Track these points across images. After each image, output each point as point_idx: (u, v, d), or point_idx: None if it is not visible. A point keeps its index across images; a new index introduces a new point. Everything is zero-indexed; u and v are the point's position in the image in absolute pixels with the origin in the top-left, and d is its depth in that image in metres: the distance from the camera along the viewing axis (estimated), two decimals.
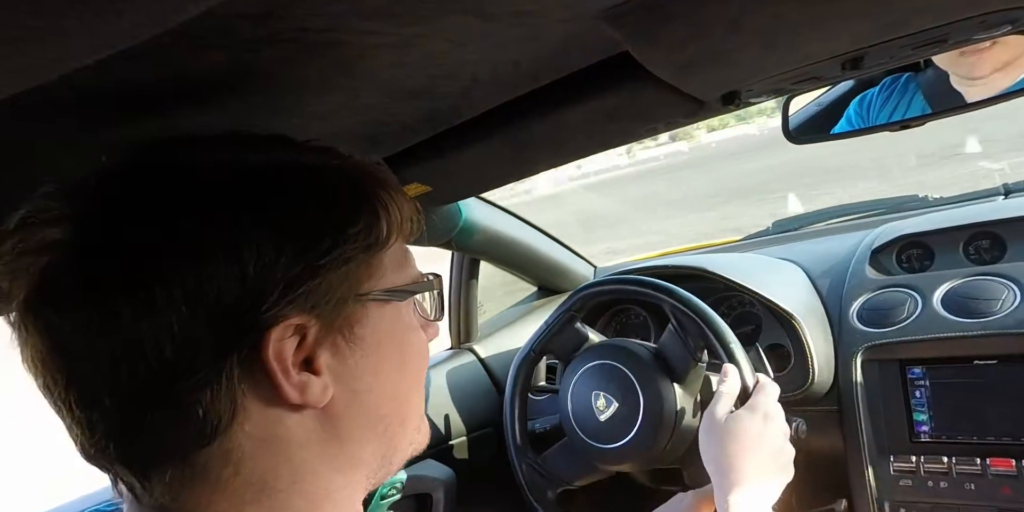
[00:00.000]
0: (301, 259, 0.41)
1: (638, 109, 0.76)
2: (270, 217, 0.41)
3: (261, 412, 0.41)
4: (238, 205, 0.41)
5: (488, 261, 1.52)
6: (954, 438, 1.04)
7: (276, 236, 0.40)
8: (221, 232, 0.40)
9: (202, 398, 0.39)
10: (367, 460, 0.47)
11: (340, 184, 0.45)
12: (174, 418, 0.39)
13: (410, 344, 0.49)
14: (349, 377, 0.44)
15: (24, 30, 0.28)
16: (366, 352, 0.45)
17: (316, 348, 0.42)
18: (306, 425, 0.43)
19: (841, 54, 0.62)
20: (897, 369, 1.09)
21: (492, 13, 0.48)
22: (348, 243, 0.43)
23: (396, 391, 0.47)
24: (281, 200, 0.42)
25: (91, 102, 0.46)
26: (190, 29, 0.39)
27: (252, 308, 0.39)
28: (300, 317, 0.41)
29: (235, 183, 0.42)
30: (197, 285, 0.38)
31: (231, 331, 0.39)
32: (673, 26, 0.55)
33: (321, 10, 0.42)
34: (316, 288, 0.41)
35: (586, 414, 1.09)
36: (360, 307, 0.45)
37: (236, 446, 0.41)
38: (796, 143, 1.02)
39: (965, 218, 1.18)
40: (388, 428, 0.47)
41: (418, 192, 0.96)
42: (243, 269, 0.39)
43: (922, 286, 1.12)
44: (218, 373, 0.39)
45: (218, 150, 0.45)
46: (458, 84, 0.64)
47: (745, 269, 1.26)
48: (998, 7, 0.55)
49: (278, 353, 0.40)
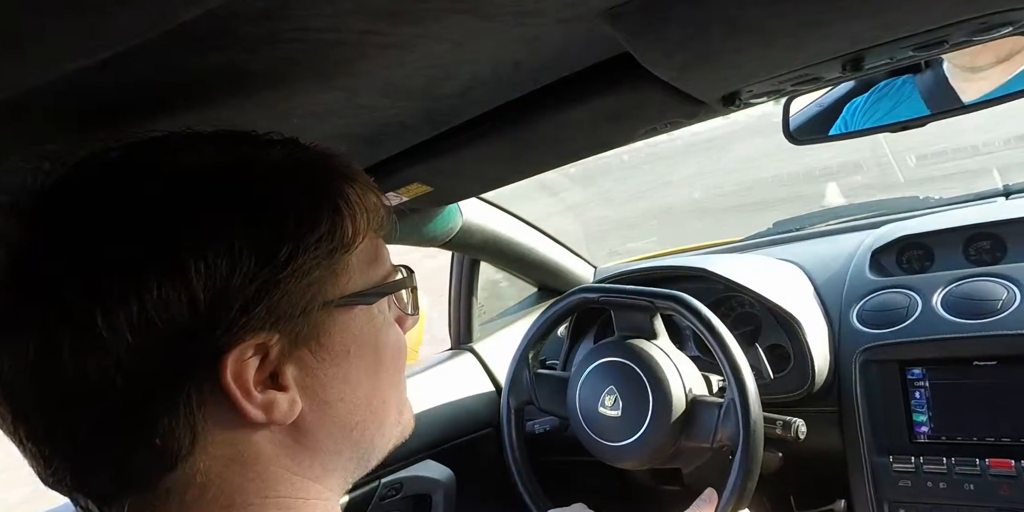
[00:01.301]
0: (258, 274, 0.37)
1: (638, 109, 0.76)
2: (218, 229, 0.37)
3: (225, 434, 0.39)
4: (178, 217, 0.37)
5: (488, 261, 1.52)
6: (953, 439, 1.04)
7: (227, 250, 0.36)
8: (162, 250, 0.36)
9: (160, 427, 0.37)
10: (343, 465, 0.45)
11: (297, 183, 0.41)
12: (131, 449, 0.37)
13: (385, 344, 0.46)
14: (319, 388, 0.41)
15: (24, 30, 0.28)
16: (335, 361, 0.42)
17: (281, 363, 0.39)
18: (275, 440, 0.41)
19: (841, 55, 0.62)
20: (897, 370, 1.09)
21: (492, 13, 0.48)
22: (310, 250, 0.39)
23: (371, 396, 0.45)
24: (230, 208, 0.38)
25: (91, 102, 0.46)
26: (190, 29, 0.39)
27: (205, 332, 0.36)
28: (260, 336, 0.38)
29: (173, 191, 0.38)
30: (141, 311, 0.35)
31: (184, 358, 0.36)
32: (673, 26, 0.55)
33: (321, 10, 0.42)
34: (276, 303, 0.38)
35: (592, 407, 1.09)
36: (326, 315, 0.41)
37: (200, 469, 0.38)
38: (796, 144, 1.02)
39: (965, 219, 1.18)
40: (364, 433, 0.45)
41: (418, 192, 0.96)
42: (191, 291, 0.35)
43: (922, 287, 1.12)
44: (174, 401, 0.37)
45: (155, 152, 0.40)
46: (458, 84, 0.64)
47: (745, 270, 1.26)
48: (998, 8, 0.55)
49: (237, 375, 0.37)
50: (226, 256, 0.36)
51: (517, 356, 1.21)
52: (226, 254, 0.36)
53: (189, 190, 0.38)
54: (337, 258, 0.41)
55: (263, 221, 0.38)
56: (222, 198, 0.38)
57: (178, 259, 0.36)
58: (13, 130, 0.47)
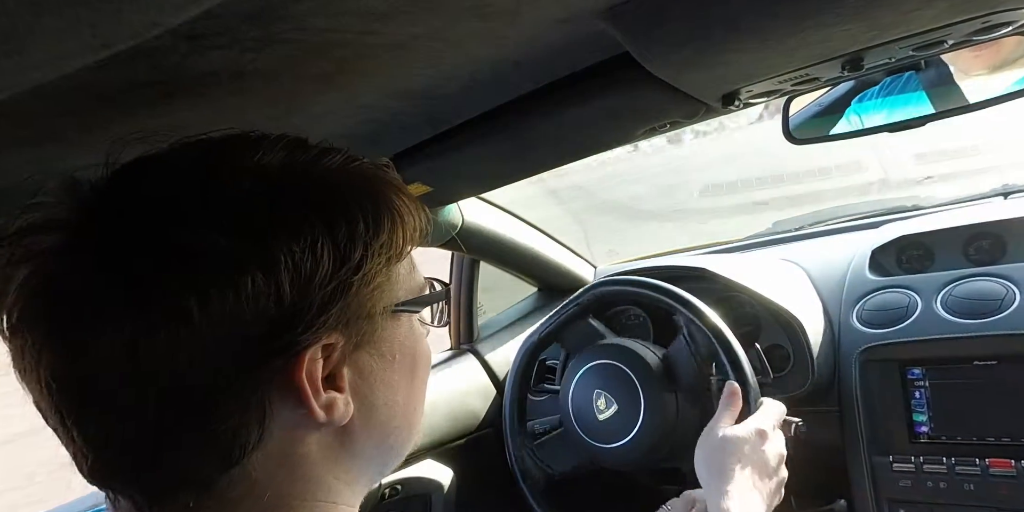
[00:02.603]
0: (335, 275, 0.38)
1: (638, 109, 0.76)
2: (303, 227, 0.38)
3: (285, 432, 0.40)
4: (268, 213, 0.38)
5: (488, 261, 1.52)
6: (953, 439, 1.04)
7: (311, 248, 0.38)
8: (256, 246, 0.37)
9: (232, 422, 0.37)
10: (371, 470, 0.46)
11: (361, 191, 0.42)
12: (201, 443, 0.37)
13: (421, 354, 0.48)
14: (368, 391, 0.43)
15: (24, 30, 0.28)
16: (384, 365, 0.44)
17: (340, 365, 0.41)
18: (323, 442, 0.42)
19: (841, 55, 0.62)
20: (897, 370, 1.09)
21: (491, 13, 0.48)
22: (376, 256, 0.41)
23: (407, 402, 0.46)
24: (311, 210, 0.39)
25: (91, 102, 0.46)
26: (190, 29, 0.40)
27: (287, 328, 0.37)
28: (332, 335, 0.39)
29: (261, 188, 0.39)
30: (236, 303, 0.36)
31: (265, 353, 0.37)
32: (672, 26, 0.55)
33: (320, 10, 0.42)
34: (348, 305, 0.40)
35: (586, 411, 1.09)
36: (383, 321, 0.43)
37: (255, 467, 0.39)
38: (796, 144, 1.02)
39: (965, 219, 1.18)
40: (397, 440, 0.47)
41: (418, 192, 0.96)
42: (280, 286, 0.37)
43: (922, 287, 1.12)
44: (248, 396, 0.37)
45: (230, 152, 0.41)
46: (458, 84, 0.64)
47: (745, 270, 1.26)
48: (997, 8, 0.55)
49: (310, 373, 0.39)
50: (311, 254, 0.38)
51: (525, 348, 1.22)
52: (310, 252, 0.38)
53: (275, 188, 0.39)
54: (392, 266, 0.43)
55: (338, 224, 0.39)
56: (303, 198, 0.39)
57: (271, 254, 0.37)
58: (13, 130, 0.47)
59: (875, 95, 1.00)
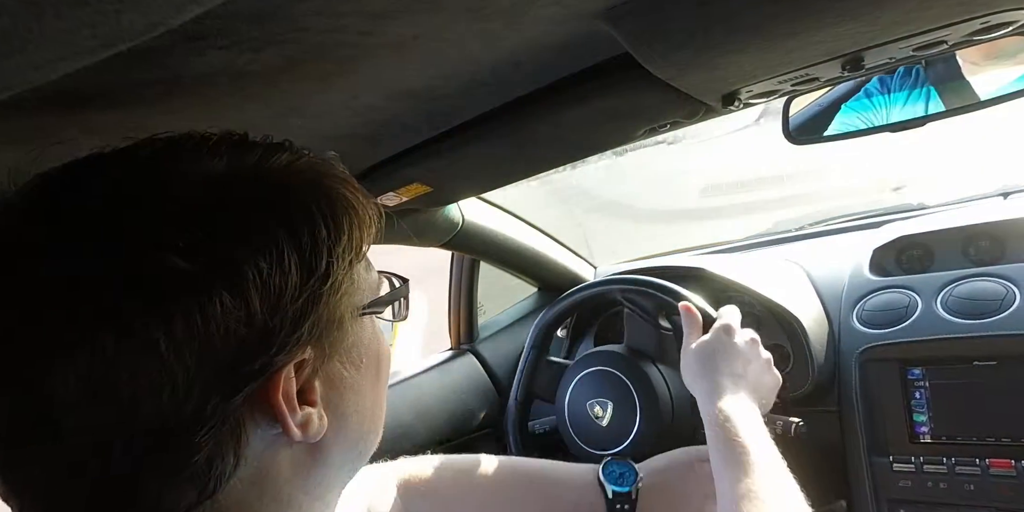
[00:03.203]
0: (304, 288, 0.36)
1: (638, 110, 0.76)
2: (266, 238, 0.35)
3: (259, 452, 0.37)
4: (231, 229, 0.35)
5: (488, 262, 1.52)
6: (954, 439, 1.04)
7: (278, 261, 0.35)
8: (220, 264, 0.34)
9: (206, 452, 0.34)
10: (342, 479, 0.45)
11: (314, 189, 0.39)
12: (175, 478, 0.35)
13: (383, 354, 0.45)
14: (339, 401, 0.41)
15: (25, 30, 0.28)
16: (353, 372, 0.42)
17: (312, 378, 0.39)
18: (296, 459, 0.40)
19: (841, 55, 0.62)
20: (897, 370, 1.09)
21: (490, 14, 0.48)
22: (340, 261, 0.38)
23: (374, 405, 0.45)
24: (271, 218, 0.36)
25: (91, 102, 0.46)
26: (190, 29, 0.40)
27: (262, 351, 0.35)
28: (305, 351, 0.37)
29: (216, 199, 0.36)
30: (204, 329, 0.33)
31: (239, 378, 0.34)
32: (672, 26, 0.55)
33: (320, 11, 0.42)
34: (320, 317, 0.37)
35: (586, 424, 1.09)
36: (350, 327, 0.41)
37: (228, 495, 0.36)
38: (796, 144, 1.02)
39: (965, 219, 1.19)
40: (366, 444, 0.45)
41: (418, 192, 0.96)
42: (249, 306, 0.34)
43: (922, 287, 1.12)
44: (222, 425, 0.34)
45: (176, 158, 0.37)
46: (458, 84, 0.64)
47: (745, 270, 1.26)
48: (997, 8, 0.55)
49: (286, 393, 0.36)
50: (278, 268, 0.35)
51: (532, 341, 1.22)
52: (277, 266, 0.35)
53: (229, 195, 0.36)
54: (354, 268, 0.40)
55: (300, 230, 0.37)
56: (260, 204, 0.37)
57: (238, 270, 0.34)
58: (13, 130, 0.47)
59: (876, 94, 1.00)
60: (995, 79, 0.87)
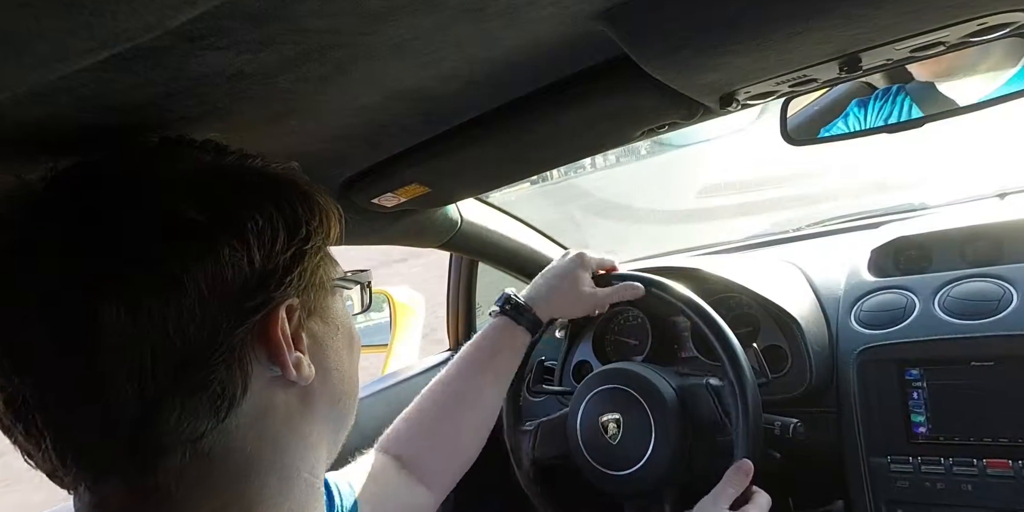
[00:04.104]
0: (290, 244, 0.44)
1: (636, 111, 0.76)
2: (260, 203, 0.44)
3: (260, 389, 0.43)
4: (233, 191, 0.44)
5: (486, 262, 1.52)
6: (951, 439, 1.04)
7: (268, 220, 0.43)
8: (226, 216, 0.42)
9: (219, 375, 0.41)
10: (328, 437, 0.50)
11: (290, 183, 0.48)
12: (194, 398, 0.40)
13: (353, 329, 0.53)
14: (322, 356, 0.48)
15: (24, 30, 0.29)
16: (332, 333, 0.50)
17: (299, 329, 0.46)
18: (289, 402, 0.46)
19: (838, 56, 0.62)
20: (895, 370, 1.09)
21: (489, 15, 0.48)
22: (315, 234, 0.47)
23: (350, 369, 0.52)
24: (264, 195, 0.45)
25: (90, 102, 0.46)
26: (188, 30, 0.40)
27: (261, 289, 0.42)
28: (293, 299, 0.45)
29: (224, 170, 0.46)
30: (216, 269, 0.41)
31: (245, 311, 0.42)
32: (670, 28, 0.55)
33: (318, 12, 0.42)
34: (303, 272, 0.45)
35: (595, 437, 1.06)
36: (327, 292, 0.49)
37: (234, 426, 0.42)
38: (793, 145, 1.02)
39: (963, 220, 1.19)
40: (345, 405, 0.51)
41: (417, 193, 0.96)
42: (250, 252, 0.42)
43: (920, 288, 1.12)
44: (232, 352, 0.41)
45: (170, 150, 0.47)
46: (456, 85, 0.64)
47: (743, 270, 1.26)
48: (995, 10, 0.55)
49: (283, 330, 0.44)
50: (269, 225, 0.43)
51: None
52: (268, 224, 0.43)
53: (224, 177, 0.45)
54: (326, 247, 0.49)
55: (283, 204, 0.45)
56: (249, 183, 0.46)
57: (239, 223, 0.42)
58: (12, 131, 0.47)
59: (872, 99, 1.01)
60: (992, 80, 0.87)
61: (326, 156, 0.79)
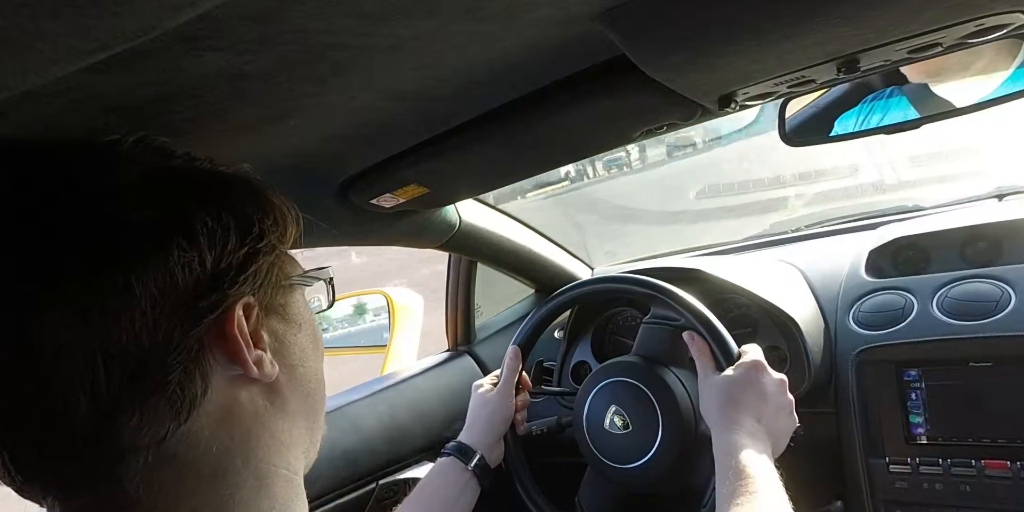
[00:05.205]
0: (243, 244, 0.44)
1: (635, 111, 0.76)
2: (210, 204, 0.44)
3: (222, 388, 0.43)
4: (179, 190, 0.44)
5: (485, 263, 1.52)
6: (949, 440, 1.04)
7: (218, 220, 0.43)
8: (175, 217, 0.42)
9: (176, 376, 0.40)
10: (302, 436, 0.50)
11: (239, 183, 0.48)
12: (154, 401, 0.40)
13: (316, 326, 0.53)
14: (286, 353, 0.48)
15: (23, 30, 0.29)
16: (294, 331, 0.49)
17: (258, 327, 0.45)
18: (255, 400, 0.45)
19: (836, 57, 0.62)
20: (893, 371, 1.09)
21: (487, 16, 0.48)
22: (269, 233, 0.46)
23: (316, 367, 0.51)
24: (213, 196, 0.45)
25: (90, 102, 0.46)
26: (187, 31, 0.40)
27: (215, 288, 0.42)
28: (248, 299, 0.44)
29: (173, 172, 0.46)
30: (167, 271, 0.40)
31: (199, 311, 0.41)
32: (669, 29, 0.55)
33: (317, 13, 0.42)
34: (257, 271, 0.45)
35: (599, 429, 1.06)
36: (286, 290, 0.49)
37: (199, 427, 0.42)
38: (792, 145, 1.03)
39: (961, 221, 1.19)
40: (315, 403, 0.51)
41: (416, 193, 0.96)
42: (201, 253, 0.42)
43: (918, 288, 1.12)
44: (189, 350, 0.41)
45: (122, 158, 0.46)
46: (455, 86, 0.64)
47: (742, 271, 1.26)
48: (993, 11, 0.55)
49: (240, 328, 0.43)
50: (218, 224, 0.43)
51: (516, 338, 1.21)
52: (218, 222, 0.43)
53: (171, 178, 0.45)
54: (282, 245, 0.49)
55: (233, 202, 0.45)
56: (197, 184, 0.46)
57: (189, 223, 0.42)
58: (11, 132, 0.47)
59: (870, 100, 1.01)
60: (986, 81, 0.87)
61: (325, 156, 0.79)
